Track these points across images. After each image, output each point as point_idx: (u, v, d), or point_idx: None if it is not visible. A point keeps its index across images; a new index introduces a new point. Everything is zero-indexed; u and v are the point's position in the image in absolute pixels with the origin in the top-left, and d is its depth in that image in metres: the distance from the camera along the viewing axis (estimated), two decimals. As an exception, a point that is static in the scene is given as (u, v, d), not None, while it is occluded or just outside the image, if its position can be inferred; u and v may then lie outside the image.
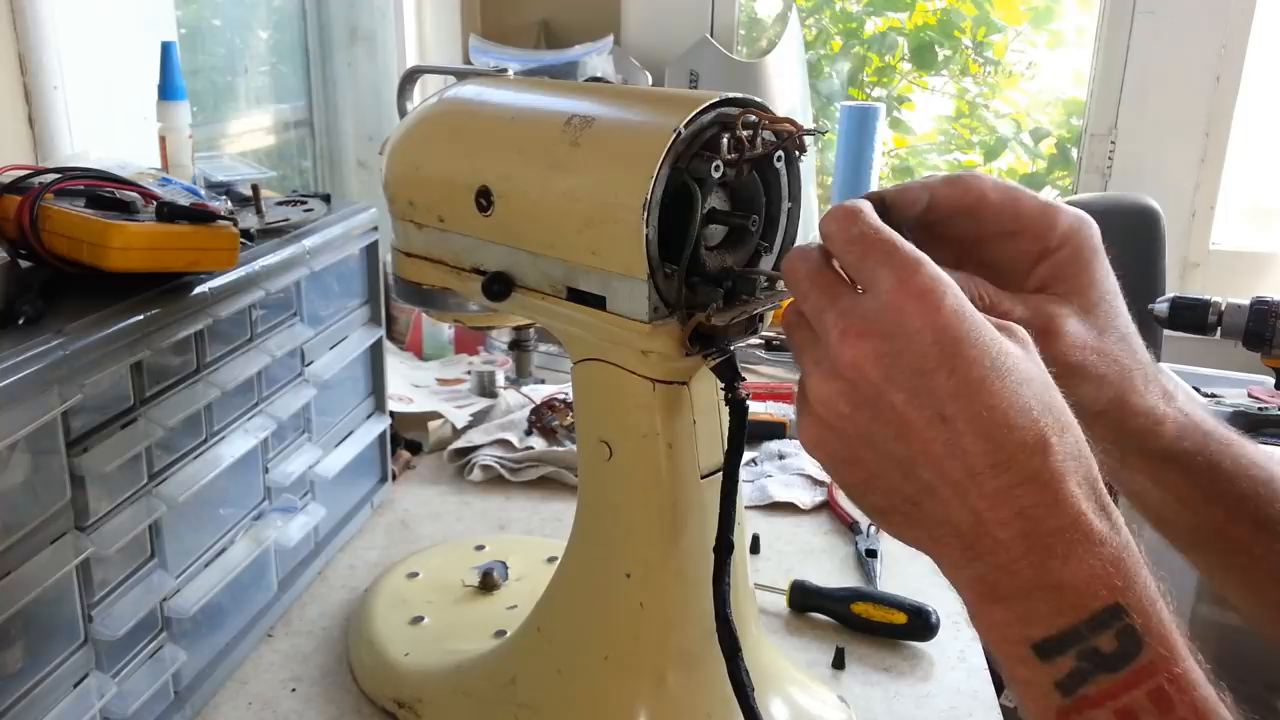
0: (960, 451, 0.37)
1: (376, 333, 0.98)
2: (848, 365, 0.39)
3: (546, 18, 1.99)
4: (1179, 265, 1.96)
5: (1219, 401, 1.37)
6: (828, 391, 0.40)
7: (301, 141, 1.65)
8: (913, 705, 0.76)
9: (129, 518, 0.63)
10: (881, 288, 0.39)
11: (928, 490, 0.38)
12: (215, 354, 0.72)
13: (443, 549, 0.93)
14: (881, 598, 0.84)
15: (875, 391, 0.39)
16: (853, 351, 0.39)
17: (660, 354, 0.56)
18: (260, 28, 1.56)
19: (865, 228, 0.41)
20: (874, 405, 0.39)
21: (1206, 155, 1.93)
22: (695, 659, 0.62)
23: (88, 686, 0.61)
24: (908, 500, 0.39)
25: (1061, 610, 0.36)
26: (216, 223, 0.67)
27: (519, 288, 0.61)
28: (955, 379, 0.37)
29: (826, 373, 0.40)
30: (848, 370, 0.39)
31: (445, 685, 0.71)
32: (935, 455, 0.38)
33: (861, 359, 0.39)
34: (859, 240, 0.40)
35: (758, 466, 1.13)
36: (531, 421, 1.17)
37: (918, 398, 0.38)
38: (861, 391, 0.39)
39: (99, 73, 0.97)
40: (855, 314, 0.39)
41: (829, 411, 0.40)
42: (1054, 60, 2.24)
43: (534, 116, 0.61)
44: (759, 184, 0.57)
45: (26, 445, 0.56)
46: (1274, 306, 1.31)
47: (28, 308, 0.58)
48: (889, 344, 0.38)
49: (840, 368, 0.39)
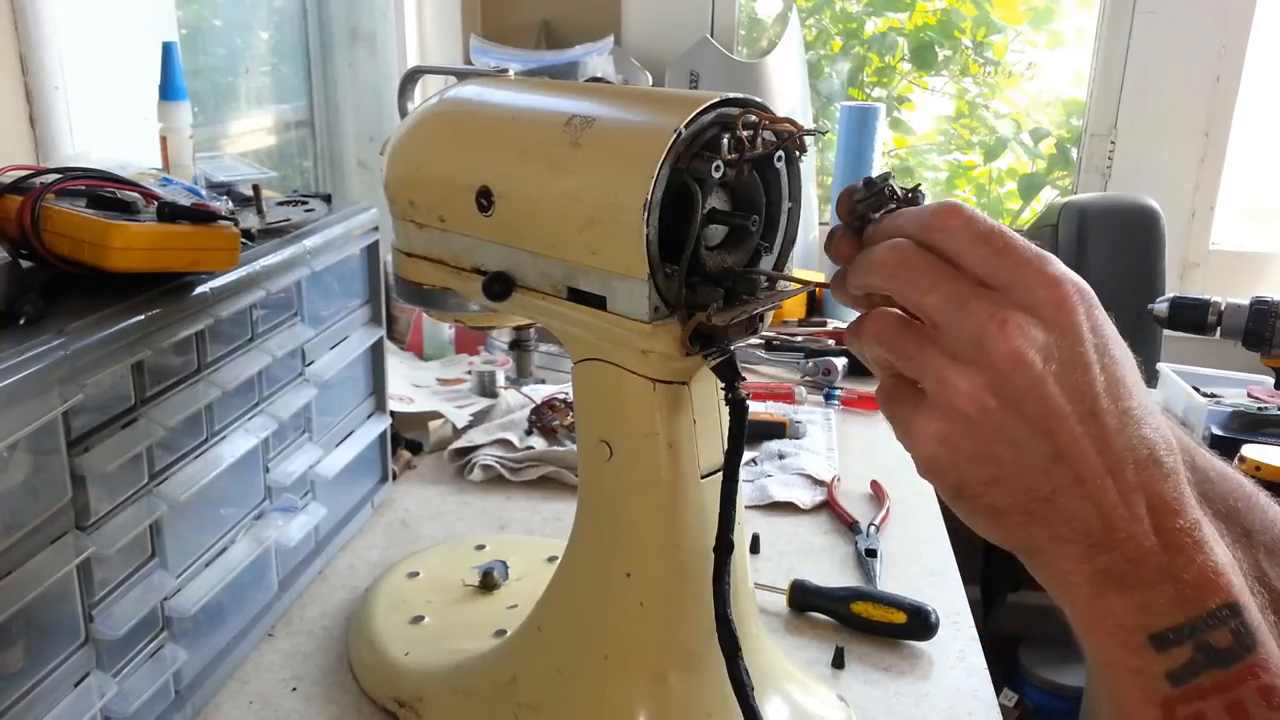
0: (1107, 447, 0.38)
1: (377, 333, 0.98)
2: (1005, 357, 0.38)
3: (547, 18, 1.99)
4: (1179, 265, 1.96)
5: (1219, 401, 1.37)
6: (972, 385, 0.38)
7: (302, 142, 1.65)
8: (912, 705, 0.76)
9: (130, 517, 0.64)
10: (1033, 283, 0.38)
11: (1065, 486, 0.38)
12: (216, 354, 0.72)
13: (443, 549, 0.93)
14: (881, 597, 0.84)
15: (1031, 385, 0.38)
16: (1014, 343, 0.38)
17: (660, 354, 0.56)
18: (261, 28, 1.56)
19: (995, 226, 0.40)
20: (1025, 399, 0.38)
21: (1206, 155, 1.93)
22: (695, 658, 0.62)
23: (88, 686, 0.62)
24: (1038, 498, 0.39)
25: (1182, 604, 0.37)
26: (217, 223, 0.67)
27: (519, 288, 0.61)
28: (1106, 375, 0.38)
29: (972, 365, 0.38)
30: (1003, 362, 0.38)
31: (445, 685, 0.71)
32: (1082, 450, 0.38)
33: (1023, 351, 0.38)
34: (993, 237, 0.39)
35: (758, 466, 1.13)
36: (532, 421, 1.17)
37: (1073, 393, 0.38)
38: (1014, 384, 0.38)
39: (100, 73, 0.97)
40: (1008, 306, 0.38)
41: (972, 405, 0.38)
42: (1054, 60, 2.24)
43: (534, 117, 0.61)
44: (759, 184, 0.57)
45: (27, 445, 0.56)
46: (1273, 306, 1.32)
47: (29, 308, 0.58)
48: (1052, 337, 0.38)
49: (995, 359, 0.38)
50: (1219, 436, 1.31)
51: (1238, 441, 1.23)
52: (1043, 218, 1.88)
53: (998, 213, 2.39)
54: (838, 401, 1.31)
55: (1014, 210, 2.36)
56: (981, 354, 0.38)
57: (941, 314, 0.39)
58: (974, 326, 0.38)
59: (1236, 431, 1.31)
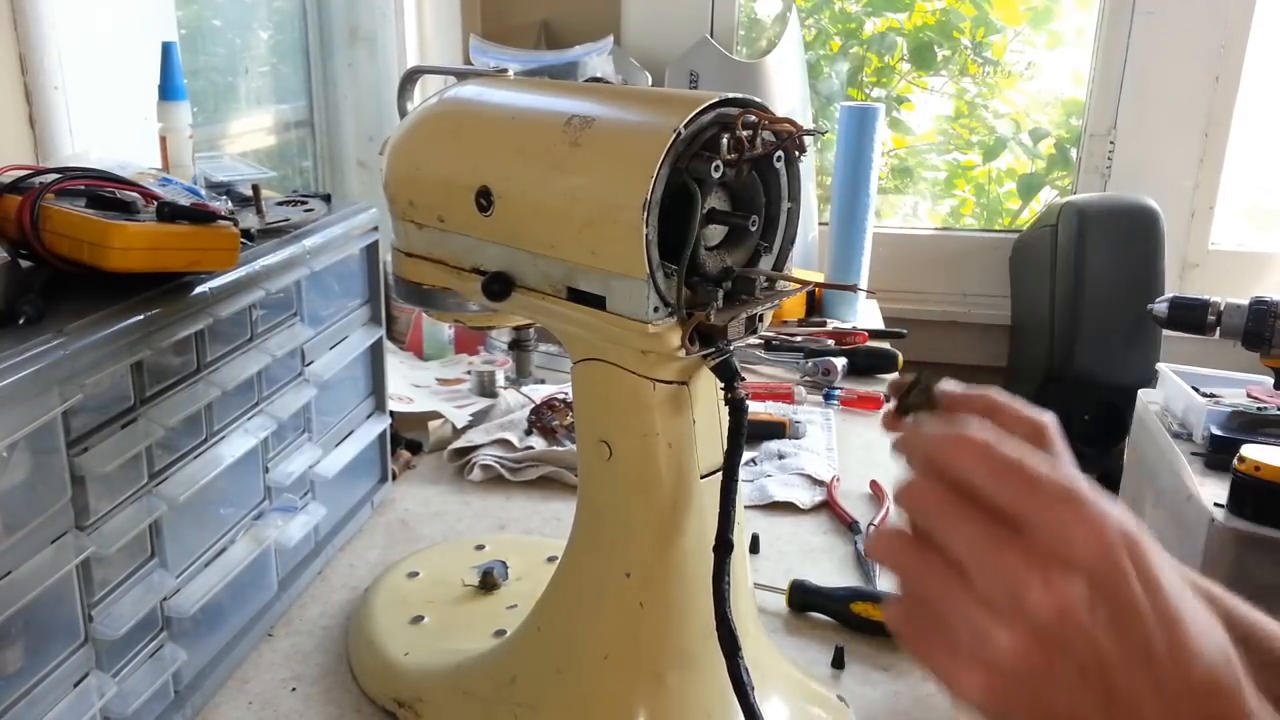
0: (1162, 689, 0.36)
1: (377, 332, 0.98)
2: (1050, 613, 0.36)
3: (546, 18, 1.99)
4: (1178, 265, 1.96)
5: (1218, 401, 1.37)
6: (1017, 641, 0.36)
7: (302, 142, 1.65)
8: (912, 705, 0.76)
9: (129, 517, 0.64)
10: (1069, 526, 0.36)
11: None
12: (215, 354, 0.72)
13: (443, 549, 0.93)
14: (881, 597, 0.84)
15: (1080, 639, 0.36)
16: (1058, 601, 0.36)
17: (660, 354, 0.56)
18: (261, 28, 1.56)
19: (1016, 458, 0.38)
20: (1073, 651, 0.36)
21: (1205, 155, 1.93)
22: (695, 658, 0.62)
23: (88, 686, 0.62)
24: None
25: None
26: (217, 223, 0.67)
27: (519, 288, 0.61)
28: (1157, 613, 0.36)
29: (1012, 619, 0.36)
30: (1048, 618, 0.36)
31: (445, 685, 0.71)
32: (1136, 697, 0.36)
33: (1068, 608, 0.36)
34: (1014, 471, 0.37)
35: (757, 466, 1.13)
36: (531, 421, 1.17)
37: (1126, 638, 0.36)
38: (1062, 639, 0.36)
39: (100, 73, 0.97)
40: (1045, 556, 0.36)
41: (1017, 660, 0.36)
42: (1053, 60, 2.23)
43: (534, 117, 0.61)
44: (759, 184, 0.57)
45: (27, 445, 0.56)
46: (1273, 306, 1.32)
47: (28, 308, 0.58)
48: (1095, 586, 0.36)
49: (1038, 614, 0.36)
50: (1218, 436, 1.31)
51: (1237, 441, 1.23)
52: (1042, 218, 1.88)
53: (997, 212, 2.39)
54: (837, 401, 1.31)
55: (1013, 210, 2.36)
56: (1022, 607, 0.36)
57: (971, 560, 0.37)
58: (1011, 581, 0.36)
59: (1236, 431, 1.31)
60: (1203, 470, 1.29)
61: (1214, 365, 1.53)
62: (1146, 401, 1.53)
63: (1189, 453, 1.33)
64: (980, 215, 2.40)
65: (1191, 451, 1.34)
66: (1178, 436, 1.39)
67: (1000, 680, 0.37)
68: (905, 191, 2.41)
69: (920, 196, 2.42)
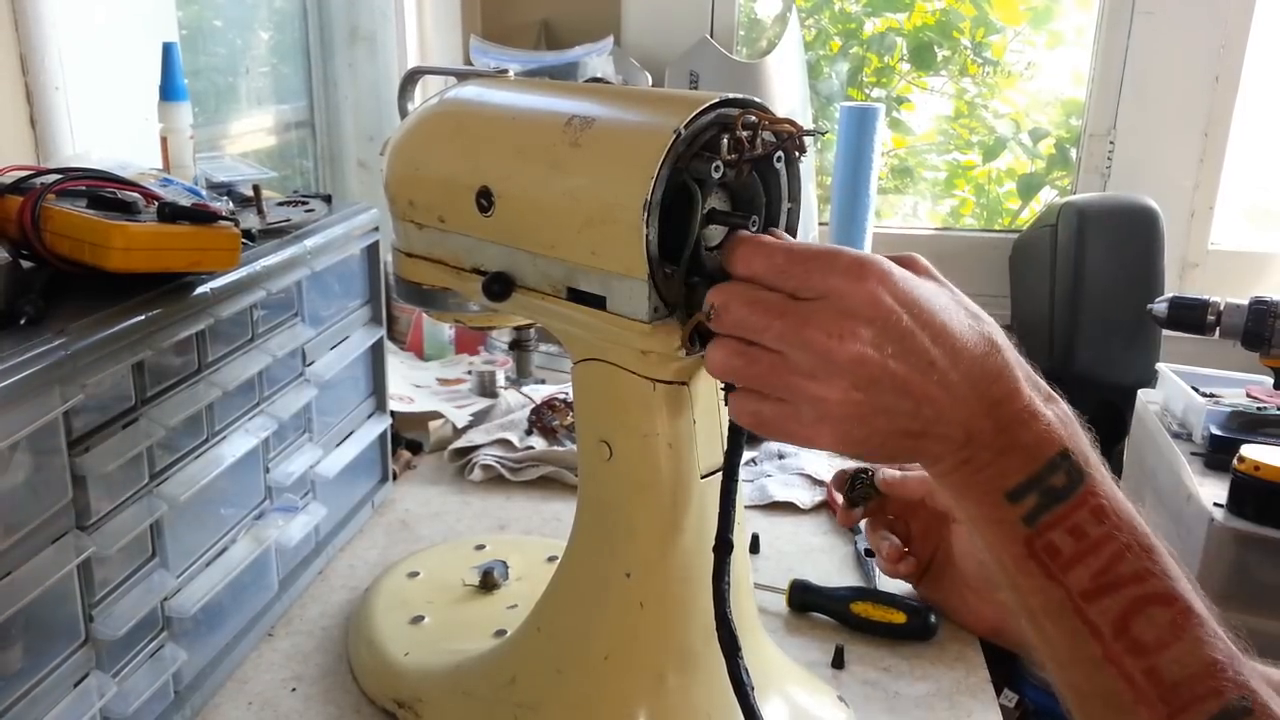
0: (948, 385, 0.47)
1: (377, 333, 0.98)
2: (853, 361, 0.46)
3: (547, 18, 1.99)
4: (1178, 265, 1.96)
5: (1218, 401, 1.37)
6: (839, 392, 0.47)
7: (302, 142, 1.65)
8: (912, 705, 0.76)
9: (130, 517, 0.64)
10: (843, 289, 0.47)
11: (930, 419, 0.47)
12: (216, 354, 0.72)
13: (443, 549, 0.93)
14: (881, 597, 0.84)
15: (879, 371, 0.46)
16: (853, 349, 0.46)
17: (660, 354, 0.56)
18: (261, 28, 1.56)
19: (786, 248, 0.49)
20: (879, 382, 0.46)
21: (1205, 155, 1.93)
22: (695, 658, 0.62)
23: (88, 686, 0.62)
24: (913, 435, 0.48)
25: (1026, 463, 0.47)
26: (218, 223, 0.67)
27: (519, 288, 0.61)
28: (927, 331, 0.47)
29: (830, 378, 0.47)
30: (853, 365, 0.46)
31: (445, 685, 0.72)
32: (933, 397, 0.47)
33: (863, 352, 0.46)
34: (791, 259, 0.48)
35: (758, 466, 1.13)
36: (532, 421, 1.17)
37: (910, 358, 0.47)
38: (867, 375, 0.46)
39: (100, 73, 0.97)
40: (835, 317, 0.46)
41: (845, 407, 0.47)
42: (1053, 60, 2.23)
43: (534, 117, 0.61)
44: (759, 184, 0.57)
45: (28, 445, 0.56)
46: (1273, 306, 1.32)
47: (29, 308, 0.58)
48: (876, 329, 0.46)
49: (846, 365, 0.46)
50: (1218, 436, 1.31)
51: (1237, 441, 1.23)
52: (1042, 218, 1.88)
53: (997, 212, 2.39)
54: (837, 401, 1.31)
55: (1013, 210, 2.36)
56: (833, 366, 0.46)
57: (784, 346, 0.48)
58: (819, 350, 0.46)
59: (1235, 431, 1.31)
60: (1202, 470, 1.29)
61: (1213, 365, 1.53)
62: (1146, 401, 1.53)
63: (1188, 452, 1.33)
64: (980, 215, 2.40)
65: (1191, 451, 1.33)
66: (1177, 436, 1.39)
67: (842, 425, 0.48)
68: (905, 191, 2.41)
69: (920, 196, 2.42)
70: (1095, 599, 0.46)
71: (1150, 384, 1.57)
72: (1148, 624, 0.45)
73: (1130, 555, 0.46)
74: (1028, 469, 0.47)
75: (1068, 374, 1.75)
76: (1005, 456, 0.48)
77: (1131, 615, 0.46)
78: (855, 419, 0.47)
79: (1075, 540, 0.47)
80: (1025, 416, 0.48)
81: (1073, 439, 0.48)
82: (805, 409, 0.48)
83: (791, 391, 0.48)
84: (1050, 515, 0.47)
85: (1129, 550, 0.46)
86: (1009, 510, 0.48)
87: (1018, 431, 0.48)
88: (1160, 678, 0.45)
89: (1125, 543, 0.46)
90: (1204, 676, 0.45)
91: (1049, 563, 0.47)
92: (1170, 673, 0.45)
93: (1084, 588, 0.46)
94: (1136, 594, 0.46)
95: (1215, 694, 0.44)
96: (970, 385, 0.47)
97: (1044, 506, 0.47)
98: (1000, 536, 0.48)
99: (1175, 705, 0.45)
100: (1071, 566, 0.47)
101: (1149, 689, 0.45)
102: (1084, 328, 1.75)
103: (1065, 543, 0.47)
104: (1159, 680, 0.45)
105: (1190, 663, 0.45)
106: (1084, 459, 0.48)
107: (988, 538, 0.49)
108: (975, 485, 0.49)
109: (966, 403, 0.47)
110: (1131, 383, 1.63)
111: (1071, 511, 0.47)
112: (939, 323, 0.47)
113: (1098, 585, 0.46)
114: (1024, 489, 0.47)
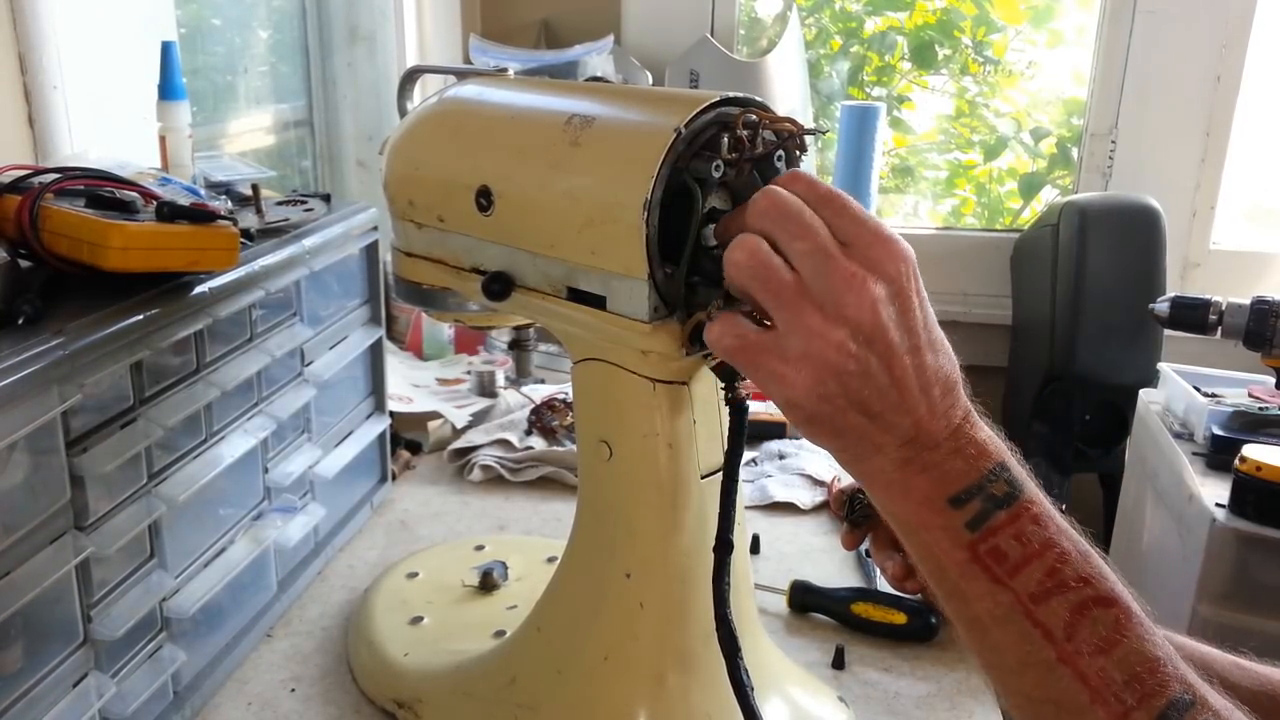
0: (922, 373, 0.48)
1: (376, 333, 0.98)
2: (865, 309, 0.46)
3: (546, 17, 1.99)
4: (1179, 265, 1.95)
5: (1219, 401, 1.37)
6: (841, 336, 0.47)
7: (301, 141, 1.64)
8: (912, 705, 0.76)
9: (128, 518, 0.63)
10: (870, 241, 0.47)
11: (889, 408, 0.48)
12: (215, 354, 0.72)
13: (442, 549, 0.93)
14: (881, 598, 0.84)
15: (880, 329, 0.47)
16: (870, 298, 0.46)
17: (660, 354, 0.56)
18: (260, 27, 1.56)
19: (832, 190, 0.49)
20: (875, 341, 0.47)
21: (1207, 155, 1.92)
22: (695, 659, 0.62)
23: (87, 686, 0.61)
24: (867, 414, 0.48)
25: (968, 471, 0.48)
26: (216, 222, 0.67)
27: (519, 288, 0.61)
28: (923, 314, 0.48)
29: (836, 319, 0.47)
30: (863, 314, 0.46)
31: (445, 685, 0.71)
32: (906, 381, 0.47)
33: (876, 305, 0.46)
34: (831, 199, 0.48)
35: (758, 466, 1.13)
36: (531, 421, 1.17)
37: (904, 333, 0.47)
38: (869, 330, 0.47)
39: (99, 73, 0.97)
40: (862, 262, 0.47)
41: (840, 354, 0.47)
42: (1054, 59, 2.23)
43: (534, 116, 0.61)
44: (759, 183, 0.57)
45: (26, 445, 0.56)
46: (1274, 306, 1.31)
47: (28, 308, 0.58)
48: (892, 291, 0.47)
49: (856, 312, 0.46)
50: (1220, 436, 1.31)
51: (1238, 441, 1.22)
52: (1043, 217, 1.88)
53: (998, 212, 2.39)
54: (838, 401, 1.31)
55: (1014, 210, 2.36)
56: (844, 307, 0.46)
57: (808, 262, 0.47)
58: (838, 282, 0.46)
59: (1237, 431, 1.31)
60: (1204, 470, 1.29)
61: (1215, 365, 1.52)
62: (1148, 401, 1.53)
63: (1190, 453, 1.33)
64: (981, 215, 2.40)
65: (1193, 451, 1.33)
66: (1179, 436, 1.38)
67: (820, 373, 0.47)
68: (906, 191, 2.41)
69: (921, 196, 2.42)
70: (1044, 601, 0.47)
71: (1152, 384, 1.57)
72: (1095, 625, 0.46)
73: (1072, 559, 0.47)
74: (970, 476, 0.48)
75: (1069, 373, 1.75)
76: (949, 462, 0.48)
77: (1080, 617, 0.47)
78: (834, 371, 0.47)
79: (1021, 545, 0.47)
80: (968, 427, 0.49)
81: (1005, 455, 0.50)
82: (794, 341, 0.48)
83: (793, 316, 0.47)
84: (994, 521, 0.48)
85: (1070, 555, 0.47)
86: (952, 516, 0.48)
87: (961, 441, 0.49)
88: (1112, 677, 0.46)
89: (1066, 548, 0.48)
90: (1150, 674, 0.46)
91: (994, 567, 0.48)
92: (1120, 671, 0.46)
93: (1032, 591, 0.47)
94: (1083, 596, 0.47)
95: (1161, 690, 0.46)
96: (936, 383, 0.48)
97: (987, 513, 0.48)
98: (942, 542, 0.49)
99: (1128, 703, 0.46)
100: (1019, 570, 0.47)
101: (1103, 688, 0.46)
102: (1085, 327, 1.74)
103: (1011, 547, 0.47)
104: (1110, 679, 0.46)
105: (1136, 661, 0.46)
106: (1020, 474, 0.49)
107: (927, 543, 0.50)
108: (916, 488, 0.49)
109: (927, 399, 0.48)
110: (1133, 382, 1.63)
111: (1014, 518, 0.48)
112: (931, 313, 0.49)
113: (1045, 588, 0.47)
114: (967, 494, 0.48)
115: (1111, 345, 1.74)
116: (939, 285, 2.08)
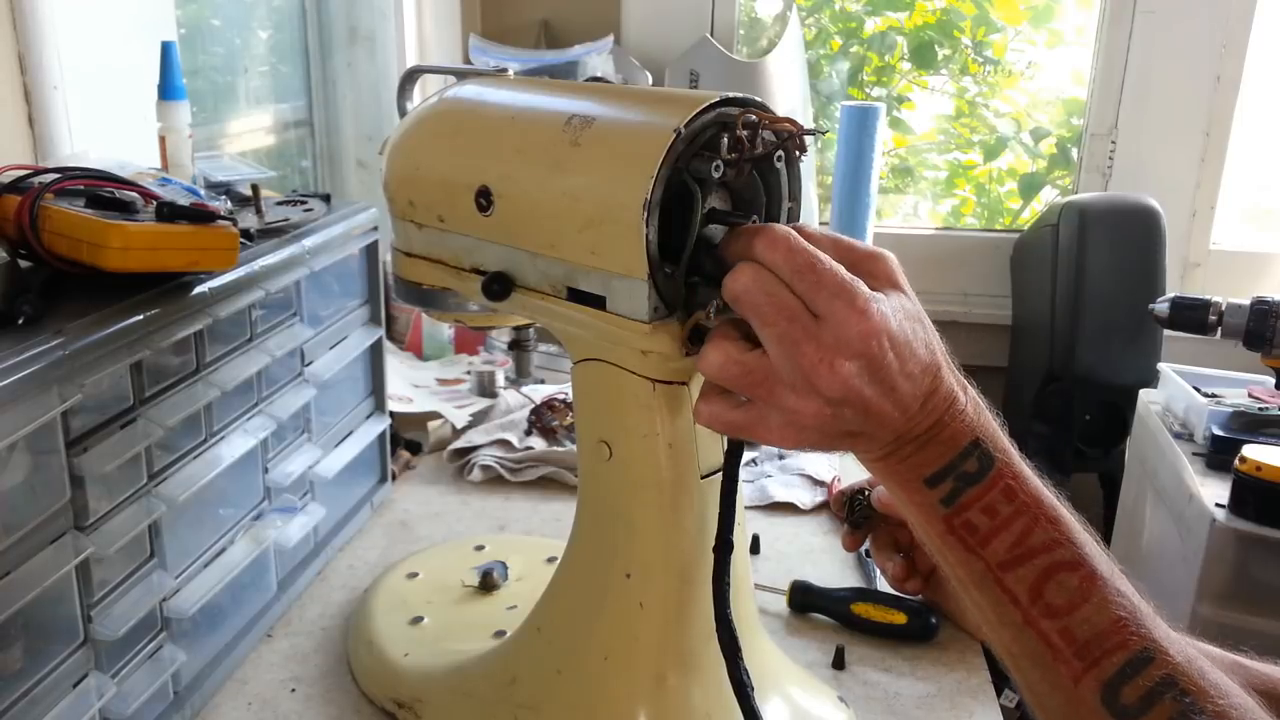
0: (902, 403, 0.51)
1: (376, 333, 0.98)
2: (835, 389, 0.49)
3: (546, 18, 1.99)
4: (1179, 265, 1.95)
5: (1219, 401, 1.37)
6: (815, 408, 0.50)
7: (301, 141, 1.64)
8: (912, 706, 0.76)
9: (128, 518, 0.63)
10: (844, 318, 0.49)
11: (873, 428, 0.52)
12: (215, 354, 0.72)
13: (442, 549, 0.93)
14: (881, 598, 0.84)
15: (854, 395, 0.50)
16: (837, 377, 0.49)
17: (660, 354, 0.56)
18: (260, 27, 1.56)
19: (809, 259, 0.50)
20: (850, 402, 0.50)
21: (1207, 155, 1.93)
22: (695, 659, 0.62)
23: (87, 686, 0.61)
24: (850, 436, 0.52)
25: (943, 453, 0.52)
26: (216, 223, 0.67)
27: (519, 288, 0.61)
28: (898, 361, 0.50)
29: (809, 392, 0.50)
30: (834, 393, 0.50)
31: (445, 685, 0.71)
32: (886, 413, 0.51)
33: (845, 380, 0.49)
34: (806, 272, 0.50)
35: (758, 466, 1.13)
36: (531, 421, 1.17)
37: (879, 386, 0.50)
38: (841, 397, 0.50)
39: (99, 73, 0.97)
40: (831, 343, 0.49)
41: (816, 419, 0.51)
42: (1054, 60, 2.23)
43: (534, 116, 0.61)
44: (759, 184, 0.57)
45: (26, 445, 0.56)
46: (1274, 306, 1.31)
47: (27, 308, 0.58)
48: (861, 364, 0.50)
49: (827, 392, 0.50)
50: (1219, 437, 1.31)
51: (1238, 441, 1.22)
52: (1043, 217, 1.88)
53: (998, 212, 2.39)
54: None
55: (1014, 210, 2.36)
56: (815, 386, 0.50)
57: (778, 349, 0.50)
58: (806, 367, 0.49)
59: (1237, 432, 1.31)
60: (1204, 470, 1.29)
61: (1215, 365, 1.52)
62: (1147, 401, 1.53)
63: (1190, 453, 1.33)
64: (981, 215, 2.40)
65: (1193, 452, 1.33)
66: (1179, 436, 1.38)
67: (804, 433, 0.52)
68: (906, 191, 2.41)
69: (921, 196, 2.42)
70: (1011, 569, 0.51)
71: (1152, 384, 1.57)
72: (1058, 589, 0.50)
73: (1039, 528, 0.51)
74: (944, 458, 0.52)
75: (1069, 374, 1.75)
76: (926, 448, 0.52)
77: (1043, 582, 0.51)
78: (814, 428, 0.51)
79: (989, 518, 0.52)
80: (944, 410, 0.52)
81: (984, 427, 0.53)
82: (775, 415, 0.52)
83: (770, 398, 0.51)
84: (965, 497, 0.52)
85: (1037, 524, 0.51)
86: (929, 494, 0.53)
87: (937, 427, 0.52)
88: (1073, 636, 0.50)
89: (1034, 516, 0.51)
90: (1110, 633, 0.49)
91: (968, 538, 0.52)
92: (1081, 631, 0.50)
93: (1000, 559, 0.51)
94: (1047, 563, 0.51)
95: (1121, 647, 0.49)
96: (915, 397, 0.51)
97: (959, 490, 0.52)
98: (924, 517, 0.54)
99: (1088, 660, 0.50)
100: (988, 541, 0.52)
101: (1064, 647, 0.50)
102: (1085, 328, 1.74)
103: (980, 520, 0.52)
104: (1072, 639, 0.50)
105: (1098, 621, 0.50)
106: (993, 444, 0.53)
107: (914, 517, 0.55)
108: (899, 473, 0.54)
109: (905, 415, 0.51)
110: (1133, 383, 1.63)
111: (984, 493, 0.52)
112: (906, 351, 0.51)
113: (1012, 556, 0.51)
114: (941, 475, 0.52)
115: (1111, 345, 1.74)
116: (939, 285, 2.08)
